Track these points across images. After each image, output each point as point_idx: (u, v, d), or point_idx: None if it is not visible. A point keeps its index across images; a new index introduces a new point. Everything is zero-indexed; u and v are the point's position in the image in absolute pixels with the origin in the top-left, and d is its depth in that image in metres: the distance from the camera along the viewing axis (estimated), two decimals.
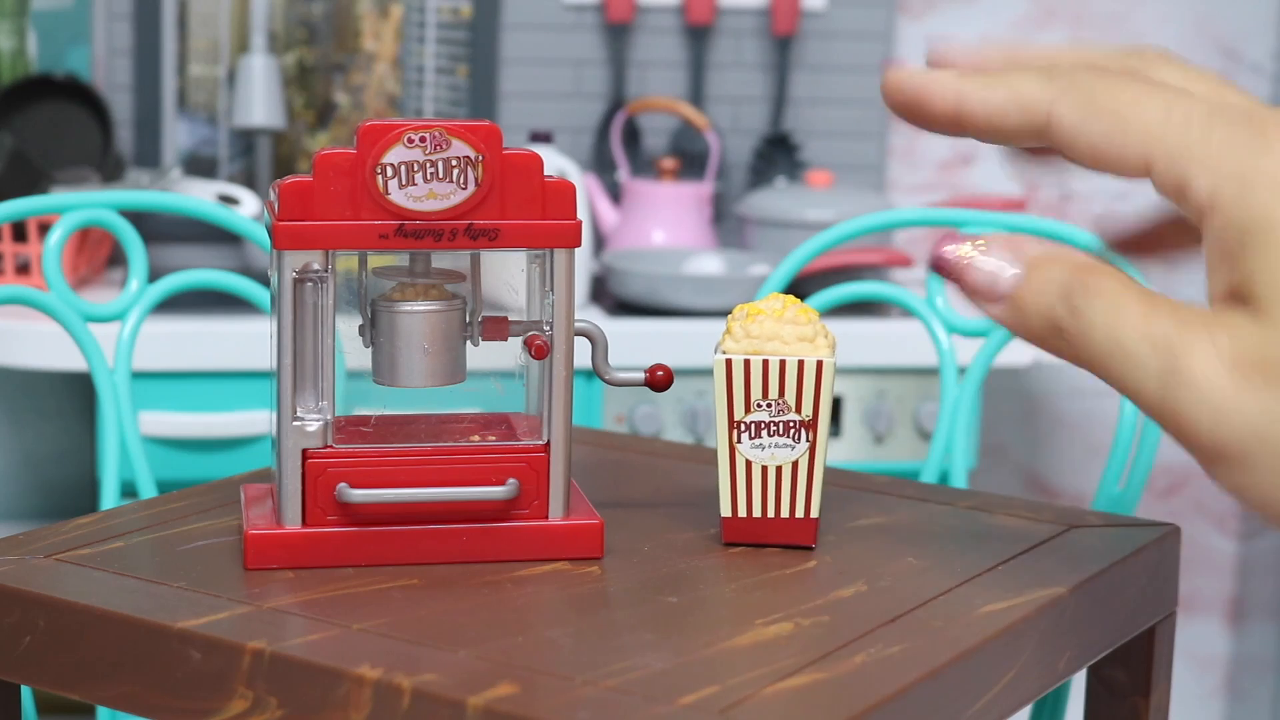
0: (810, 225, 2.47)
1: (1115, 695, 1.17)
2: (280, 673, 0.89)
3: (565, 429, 1.06)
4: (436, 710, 0.84)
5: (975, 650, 0.93)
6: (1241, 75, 2.93)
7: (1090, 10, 2.88)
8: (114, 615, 0.94)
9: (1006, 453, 2.94)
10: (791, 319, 1.07)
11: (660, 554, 1.07)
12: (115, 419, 1.54)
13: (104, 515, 1.12)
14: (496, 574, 1.03)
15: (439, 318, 1.05)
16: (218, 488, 1.19)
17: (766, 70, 2.77)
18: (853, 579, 1.03)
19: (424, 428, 1.09)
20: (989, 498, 1.22)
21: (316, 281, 1.02)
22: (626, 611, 0.97)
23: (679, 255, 2.47)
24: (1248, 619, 3.07)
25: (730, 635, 0.93)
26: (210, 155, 2.66)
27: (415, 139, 1.00)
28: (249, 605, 0.96)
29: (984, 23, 2.85)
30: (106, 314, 1.55)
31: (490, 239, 1.03)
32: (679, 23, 2.75)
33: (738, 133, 2.78)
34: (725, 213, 2.78)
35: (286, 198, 1.00)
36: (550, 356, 1.05)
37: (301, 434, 1.03)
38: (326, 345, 1.03)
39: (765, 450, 1.08)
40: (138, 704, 0.94)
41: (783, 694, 0.85)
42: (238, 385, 2.18)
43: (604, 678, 0.86)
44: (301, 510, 1.03)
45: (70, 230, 1.52)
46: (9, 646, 0.98)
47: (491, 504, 1.05)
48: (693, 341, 2.26)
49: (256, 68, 2.54)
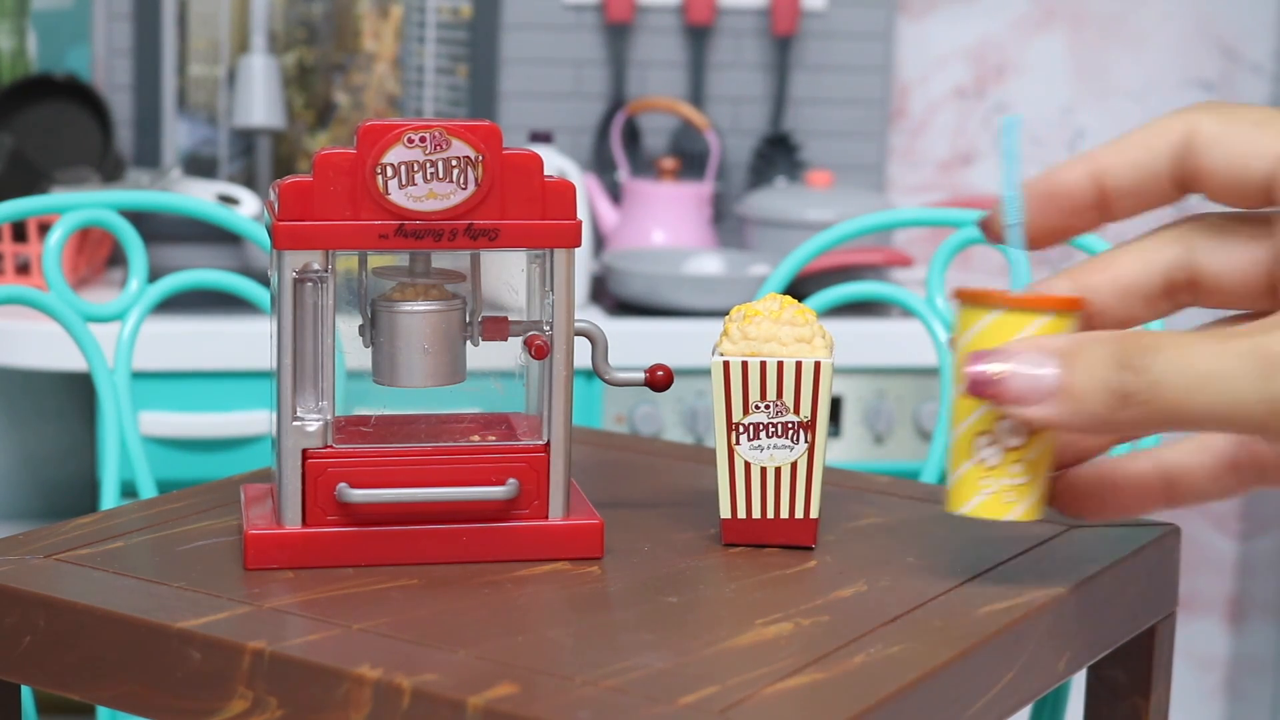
0: (810, 225, 2.47)
1: (1115, 695, 1.17)
2: (280, 673, 0.89)
3: (565, 429, 1.06)
4: (436, 710, 0.84)
5: (975, 650, 0.93)
6: (1241, 75, 2.93)
7: (1090, 10, 2.88)
8: (114, 615, 0.94)
9: None
10: (789, 320, 1.07)
11: (660, 554, 1.07)
12: (115, 419, 1.54)
13: (104, 515, 1.12)
14: (496, 574, 1.03)
15: (439, 318, 1.05)
16: (218, 488, 1.19)
17: (766, 70, 2.77)
18: (853, 579, 1.03)
19: (424, 428, 1.09)
20: None
21: (316, 281, 1.02)
22: (626, 611, 0.97)
23: (679, 255, 2.47)
24: (1248, 619, 3.07)
25: (730, 635, 0.93)
26: (210, 155, 2.66)
27: (415, 139, 1.01)
28: (249, 605, 0.96)
29: (984, 22, 2.85)
30: (106, 314, 1.55)
31: (490, 239, 1.03)
32: (679, 23, 2.75)
33: (738, 133, 2.78)
34: (725, 213, 2.78)
35: (286, 198, 1.00)
36: (550, 356, 1.05)
37: (301, 434, 1.03)
38: (326, 345, 1.03)
39: (764, 451, 1.08)
40: (138, 704, 0.94)
41: (783, 694, 0.85)
42: (238, 385, 2.18)
43: (604, 678, 0.86)
44: (301, 510, 1.03)
45: (70, 230, 1.52)
46: (9, 646, 0.98)
47: (491, 504, 1.05)
48: (693, 341, 2.26)
49: (256, 68, 2.54)
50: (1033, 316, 0.94)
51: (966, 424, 0.98)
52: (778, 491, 1.08)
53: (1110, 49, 2.89)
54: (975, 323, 0.96)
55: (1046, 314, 0.94)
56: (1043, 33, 2.87)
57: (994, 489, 0.98)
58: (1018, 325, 0.95)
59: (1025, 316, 0.95)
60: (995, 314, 0.95)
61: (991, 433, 0.98)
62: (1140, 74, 2.90)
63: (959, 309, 0.98)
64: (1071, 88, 2.89)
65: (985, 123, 2.87)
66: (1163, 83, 2.90)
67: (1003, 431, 0.98)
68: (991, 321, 0.95)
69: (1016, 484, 0.98)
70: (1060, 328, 0.96)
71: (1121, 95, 2.90)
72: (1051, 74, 2.88)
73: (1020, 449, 0.97)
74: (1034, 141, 2.88)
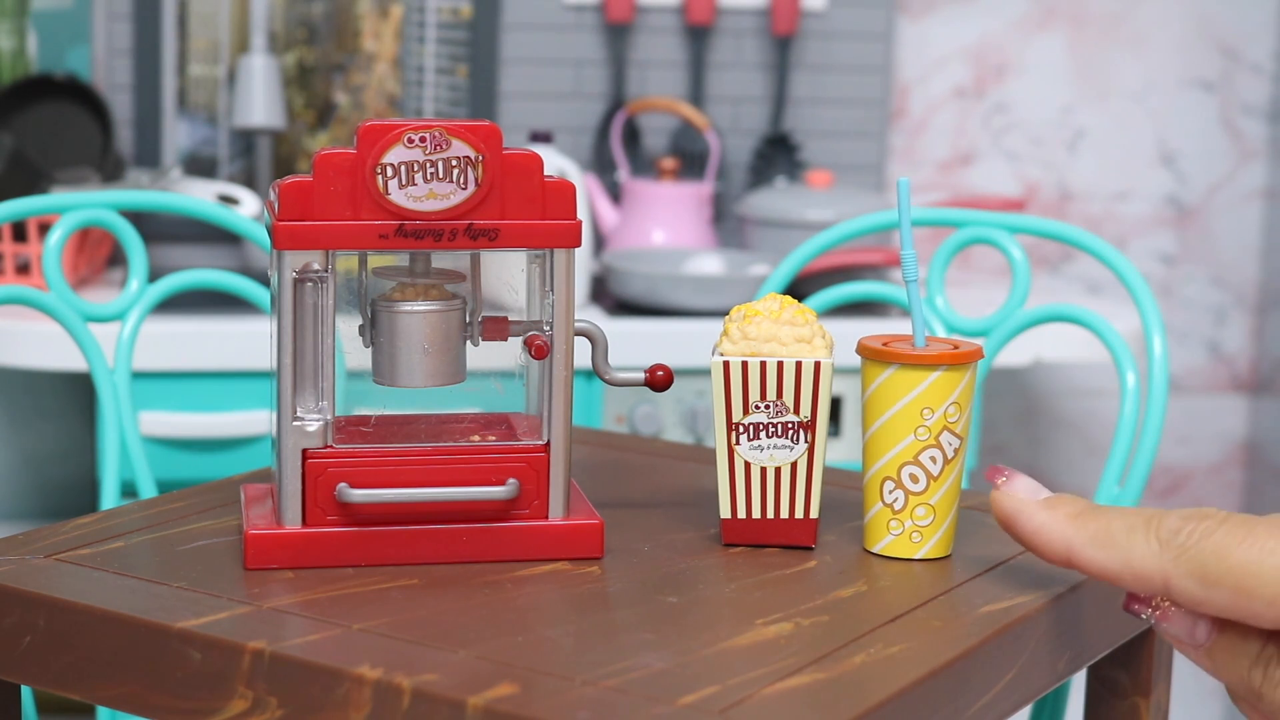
0: (810, 225, 2.47)
1: (1115, 695, 1.17)
2: (280, 673, 0.89)
3: (565, 429, 1.06)
4: (436, 710, 0.84)
5: (975, 650, 0.93)
6: (1241, 75, 2.93)
7: (1090, 10, 2.88)
8: (114, 615, 0.94)
9: (1006, 453, 2.94)
10: (789, 320, 1.07)
11: (660, 554, 1.07)
12: (115, 419, 1.54)
13: (104, 515, 1.12)
14: (496, 574, 1.03)
15: (439, 318, 1.05)
16: (218, 488, 1.19)
17: (766, 70, 2.77)
18: (853, 579, 1.03)
19: (424, 428, 1.09)
20: (989, 498, 1.22)
21: (316, 281, 1.02)
22: (626, 611, 0.97)
23: (679, 255, 2.47)
24: None
25: (730, 635, 0.93)
26: (210, 155, 2.66)
27: (415, 139, 1.01)
28: (249, 605, 0.96)
29: (984, 22, 2.85)
30: (106, 314, 1.55)
31: (490, 239, 1.03)
32: (679, 23, 2.75)
33: (738, 133, 2.78)
34: (725, 213, 2.78)
35: (286, 198, 1.00)
36: (550, 356, 1.05)
37: (301, 434, 1.03)
38: (326, 345, 1.03)
39: (764, 451, 1.08)
40: (138, 704, 0.94)
41: (783, 694, 0.85)
42: (238, 385, 2.18)
43: (604, 678, 0.86)
44: (301, 510, 1.03)
45: (70, 230, 1.52)
46: (9, 646, 0.98)
47: (491, 504, 1.05)
48: (693, 341, 2.26)
49: (256, 68, 2.54)
50: (927, 372, 1.04)
51: (874, 470, 1.06)
52: (778, 491, 1.08)
53: (1110, 49, 2.89)
54: (876, 377, 1.05)
55: (939, 368, 1.04)
56: (1043, 33, 2.87)
57: (901, 530, 1.06)
58: (913, 381, 1.04)
59: (920, 372, 1.04)
60: (892, 369, 1.04)
61: (896, 479, 1.06)
62: (1140, 74, 2.90)
63: (862, 363, 1.06)
64: (1071, 88, 2.88)
65: (985, 122, 2.87)
66: (1163, 83, 2.90)
67: (906, 477, 1.05)
68: (889, 376, 1.05)
69: (922, 525, 1.06)
70: (952, 382, 1.05)
71: (1121, 95, 2.90)
72: (1051, 74, 2.88)
73: (923, 493, 1.05)
74: (1034, 141, 2.88)
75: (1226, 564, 0.69)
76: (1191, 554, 0.70)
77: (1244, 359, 3.00)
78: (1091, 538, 0.74)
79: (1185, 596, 0.70)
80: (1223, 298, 2.97)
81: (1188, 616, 0.73)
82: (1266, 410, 2.96)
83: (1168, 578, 0.71)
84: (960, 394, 1.05)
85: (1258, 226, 2.97)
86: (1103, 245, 1.57)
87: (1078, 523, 0.75)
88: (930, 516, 1.06)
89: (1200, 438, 3.02)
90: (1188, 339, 2.98)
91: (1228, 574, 0.69)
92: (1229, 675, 0.72)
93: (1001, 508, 0.79)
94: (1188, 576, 0.70)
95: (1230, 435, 3.02)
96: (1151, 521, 0.72)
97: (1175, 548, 0.70)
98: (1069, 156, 2.91)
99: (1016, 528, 0.77)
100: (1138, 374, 1.53)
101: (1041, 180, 2.91)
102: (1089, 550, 0.74)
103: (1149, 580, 0.71)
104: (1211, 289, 2.97)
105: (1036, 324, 1.59)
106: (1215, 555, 0.69)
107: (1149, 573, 0.71)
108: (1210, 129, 2.93)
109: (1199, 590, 0.70)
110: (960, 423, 1.06)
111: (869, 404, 1.06)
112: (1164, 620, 0.73)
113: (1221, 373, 3.00)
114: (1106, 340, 1.55)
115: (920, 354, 1.05)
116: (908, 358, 1.04)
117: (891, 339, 1.08)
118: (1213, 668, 0.73)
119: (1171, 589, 0.71)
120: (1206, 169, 2.94)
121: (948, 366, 1.04)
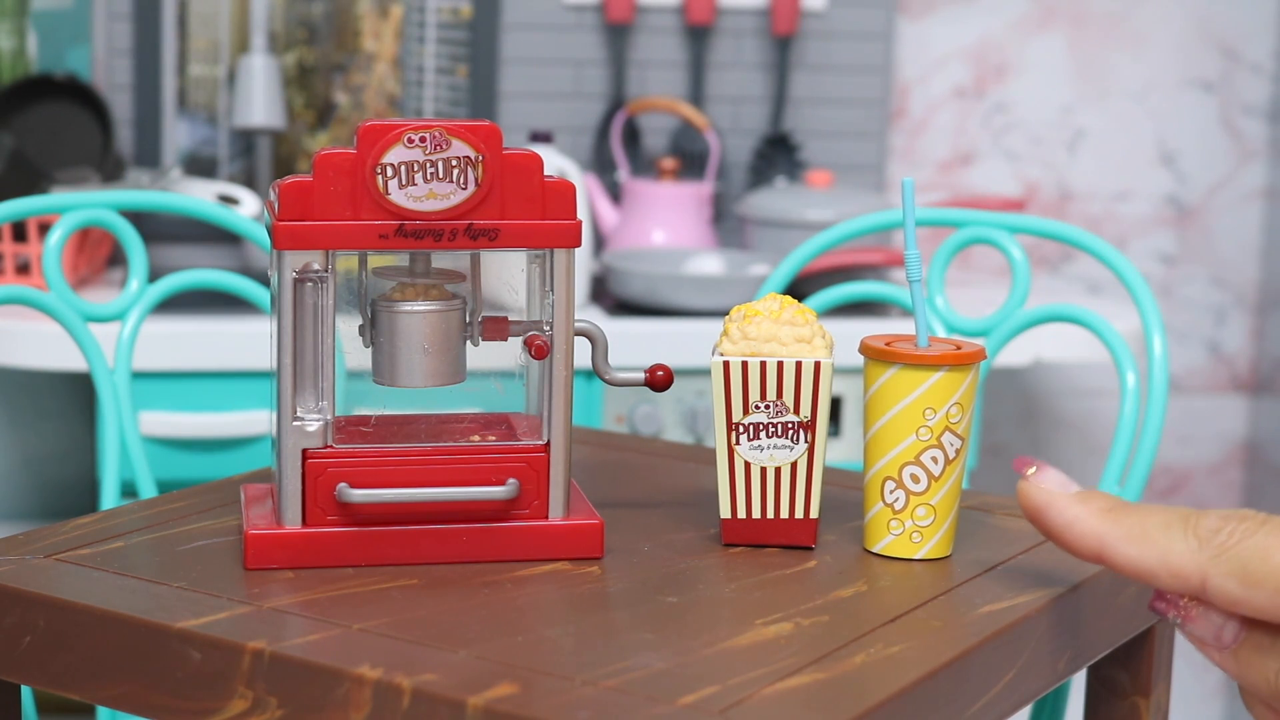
0: (810, 225, 2.47)
1: (1115, 695, 1.17)
2: (280, 673, 0.89)
3: (565, 429, 1.06)
4: (436, 710, 0.84)
5: (975, 650, 0.93)
6: (1241, 75, 2.93)
7: (1090, 10, 2.88)
8: (114, 615, 0.94)
9: (1006, 453, 2.94)
10: (789, 320, 1.07)
11: (660, 554, 1.07)
12: (115, 419, 1.54)
13: (104, 515, 1.12)
14: (496, 574, 1.03)
15: (439, 318, 1.05)
16: (218, 488, 1.19)
17: (766, 70, 2.77)
18: (853, 579, 1.03)
19: (424, 428, 1.09)
20: (989, 498, 1.22)
21: (316, 281, 1.02)
22: (626, 611, 0.97)
23: (679, 255, 2.47)
24: None
25: (730, 635, 0.93)
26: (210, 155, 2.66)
27: (415, 139, 1.01)
28: (249, 605, 0.96)
29: (984, 22, 2.85)
30: (106, 314, 1.55)
31: (490, 239, 1.03)
32: (679, 23, 2.75)
33: (738, 133, 2.78)
34: (725, 213, 2.78)
35: (286, 198, 1.00)
36: (550, 356, 1.05)
37: (301, 434, 1.03)
38: (326, 345, 1.03)
39: (764, 451, 1.08)
40: (138, 704, 0.94)
41: (783, 694, 0.85)
42: (238, 385, 2.18)
43: (604, 678, 0.86)
44: (301, 510, 1.03)
45: (70, 230, 1.52)
46: (9, 646, 0.98)
47: (491, 504, 1.05)
48: (693, 341, 2.26)
49: (256, 68, 2.54)
50: (930, 372, 1.04)
51: (875, 469, 1.06)
52: (778, 491, 1.08)
53: (1110, 49, 2.89)
54: (879, 377, 1.06)
55: (942, 369, 1.04)
56: (1043, 33, 2.87)
57: (902, 530, 1.07)
58: (916, 380, 1.05)
59: (923, 372, 1.04)
60: (894, 369, 1.05)
61: (897, 479, 1.06)
62: (1140, 74, 2.90)
63: (864, 362, 1.07)
64: (1071, 88, 2.89)
65: (985, 122, 2.87)
66: (1163, 83, 2.90)
67: (907, 477, 1.06)
68: (891, 376, 1.05)
69: (923, 525, 1.06)
70: (955, 382, 1.05)
71: (1121, 95, 2.90)
72: (1051, 74, 2.88)
73: (924, 494, 1.06)
74: (1034, 141, 2.88)
75: (1270, 565, 0.68)
76: (1233, 553, 0.69)
77: (1244, 359, 3.00)
78: (1126, 534, 0.73)
79: (1223, 596, 0.70)
80: (1223, 298, 2.97)
81: (1215, 617, 0.72)
82: (1266, 410, 2.97)
83: (1206, 576, 0.70)
84: (962, 395, 1.05)
85: (1258, 226, 2.97)
86: (1103, 245, 1.57)
87: (1111, 518, 0.74)
88: (931, 517, 1.06)
89: (1200, 438, 3.02)
90: (1188, 339, 2.98)
91: (1270, 575, 0.68)
92: (1254, 677, 0.72)
93: (1031, 499, 0.77)
94: (1229, 576, 0.69)
95: (1230, 435, 3.02)
96: (1189, 519, 0.71)
97: (1215, 546, 0.70)
98: (1069, 156, 2.91)
99: (1046, 520, 0.76)
100: (1138, 374, 1.53)
101: (1041, 180, 2.91)
102: (1122, 546, 0.73)
103: (1185, 578, 0.71)
104: (1211, 289, 2.97)
105: (1036, 324, 1.59)
106: (1258, 556, 0.69)
107: (1186, 571, 0.71)
108: (1210, 129, 2.93)
109: (1239, 590, 0.69)
110: (962, 423, 1.06)
111: (871, 404, 1.06)
112: (1190, 622, 0.73)
113: (1221, 373, 3.00)
114: (1106, 340, 1.55)
115: (923, 354, 1.05)
116: (911, 358, 1.05)
117: (894, 339, 1.08)
118: (1236, 670, 0.72)
119: (1209, 588, 0.70)
120: (1206, 169, 2.94)
121: (950, 367, 1.05)
